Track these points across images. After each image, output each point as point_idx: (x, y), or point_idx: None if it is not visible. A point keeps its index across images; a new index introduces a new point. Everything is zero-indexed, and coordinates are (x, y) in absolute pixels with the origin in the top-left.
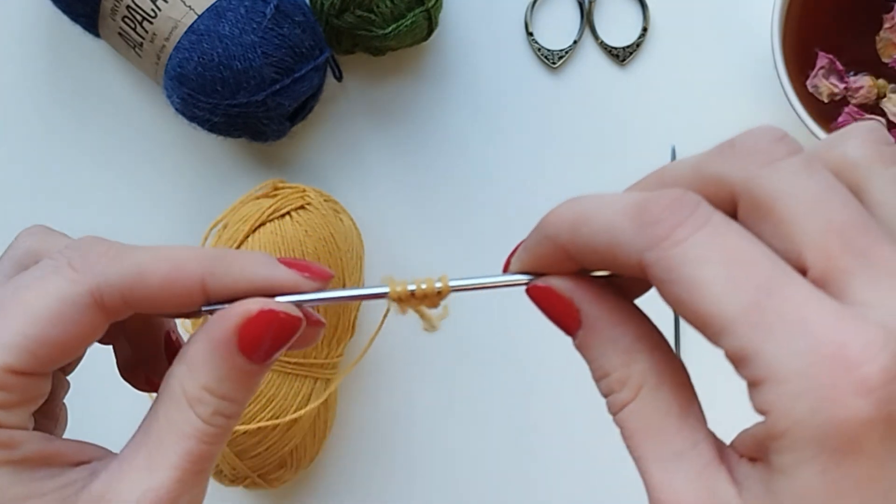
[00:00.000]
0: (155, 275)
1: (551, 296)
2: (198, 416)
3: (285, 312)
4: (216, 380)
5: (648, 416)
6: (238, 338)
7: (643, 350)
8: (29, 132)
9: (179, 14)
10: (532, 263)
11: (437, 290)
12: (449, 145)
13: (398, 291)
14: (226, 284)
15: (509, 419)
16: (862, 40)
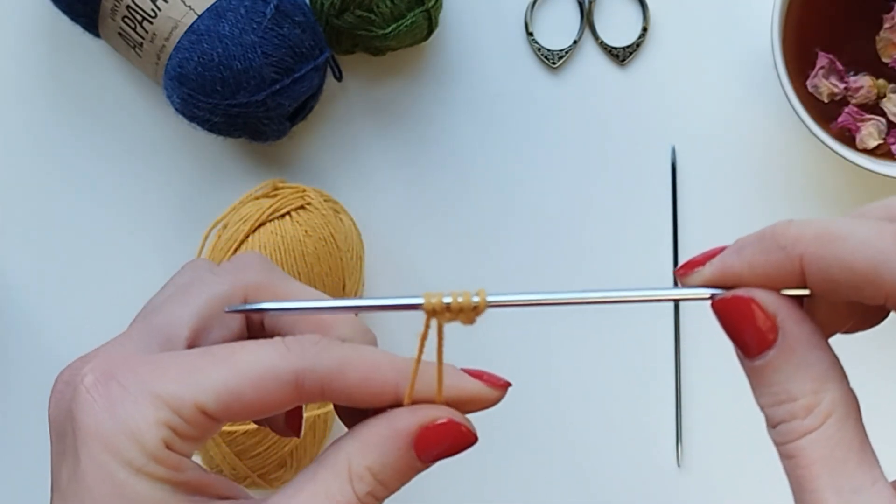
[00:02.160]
0: (354, 374)
1: (751, 309)
2: (354, 492)
3: (467, 427)
4: (381, 465)
5: (832, 447)
6: (417, 436)
7: (835, 378)
8: (29, 132)
9: (179, 14)
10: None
11: (473, 304)
12: (449, 145)
13: (433, 304)
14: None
15: (510, 419)
16: (862, 40)
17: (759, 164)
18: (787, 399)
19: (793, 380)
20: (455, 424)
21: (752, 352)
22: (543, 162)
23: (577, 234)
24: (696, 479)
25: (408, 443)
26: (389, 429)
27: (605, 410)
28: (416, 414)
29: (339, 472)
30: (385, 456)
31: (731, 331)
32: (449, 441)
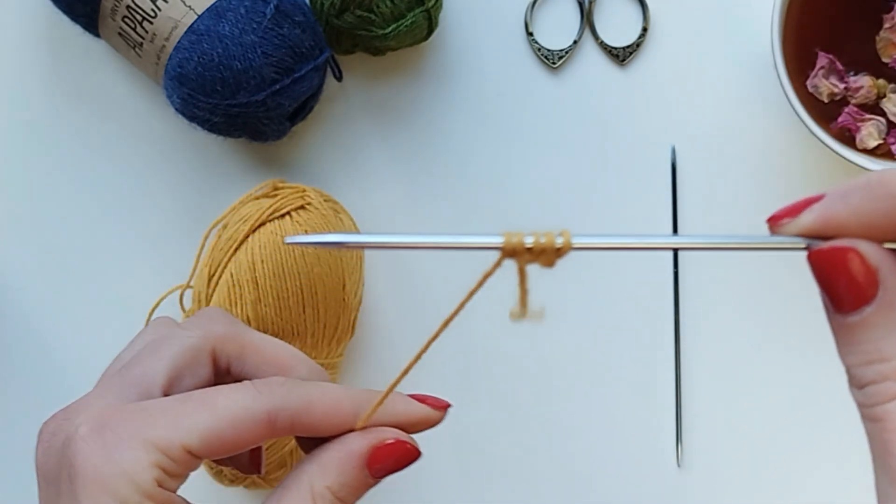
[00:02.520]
0: (319, 409)
1: (852, 261)
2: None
3: (412, 444)
4: (339, 484)
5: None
6: (369, 456)
7: None
8: (29, 132)
9: (179, 14)
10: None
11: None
12: (449, 145)
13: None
14: (374, 419)
15: (510, 418)
16: (862, 40)
17: (759, 163)
18: (879, 359)
19: (888, 339)
20: (401, 443)
21: (847, 307)
22: (543, 161)
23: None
24: (696, 479)
25: (361, 462)
26: (344, 452)
27: (606, 410)
28: (366, 437)
29: (302, 494)
30: (342, 476)
31: (826, 284)
32: (396, 457)
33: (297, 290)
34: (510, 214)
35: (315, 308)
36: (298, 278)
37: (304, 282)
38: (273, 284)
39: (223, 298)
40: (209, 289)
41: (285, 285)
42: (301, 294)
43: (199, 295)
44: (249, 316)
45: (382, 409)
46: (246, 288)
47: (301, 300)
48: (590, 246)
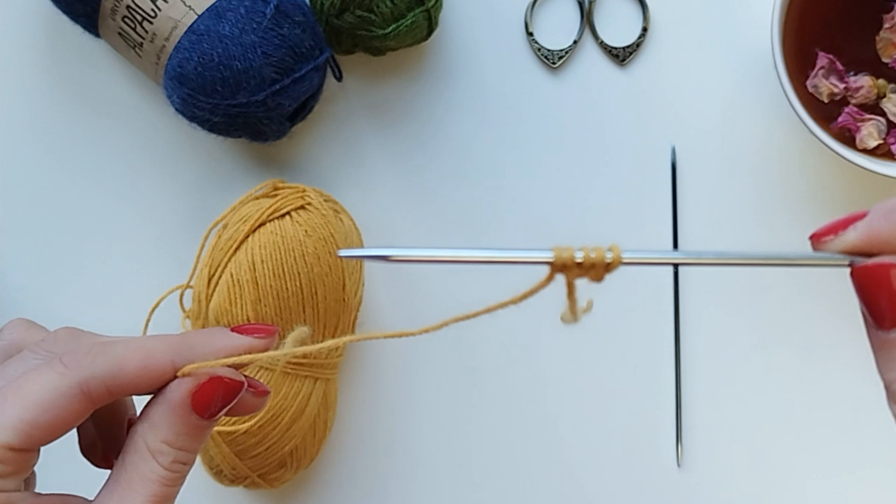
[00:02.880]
0: (130, 366)
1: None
2: (159, 465)
3: (229, 378)
4: (173, 434)
5: None
6: (192, 399)
7: None
8: (29, 132)
9: (179, 14)
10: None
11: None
12: (449, 145)
13: (564, 258)
14: (192, 361)
15: (510, 419)
16: (862, 40)
17: (759, 163)
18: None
19: None
20: (217, 379)
21: (889, 323)
22: (543, 161)
23: (578, 234)
24: (696, 479)
25: (186, 409)
26: (167, 403)
27: (606, 410)
28: (183, 384)
29: (141, 454)
30: (173, 426)
31: (868, 300)
32: (219, 394)
33: (297, 290)
34: (510, 214)
35: (315, 308)
36: (298, 278)
37: (304, 282)
38: (273, 284)
39: (223, 298)
40: (209, 289)
41: (285, 285)
42: (301, 294)
43: (199, 295)
44: (249, 316)
45: (202, 349)
46: (246, 288)
47: (301, 300)
48: (639, 261)
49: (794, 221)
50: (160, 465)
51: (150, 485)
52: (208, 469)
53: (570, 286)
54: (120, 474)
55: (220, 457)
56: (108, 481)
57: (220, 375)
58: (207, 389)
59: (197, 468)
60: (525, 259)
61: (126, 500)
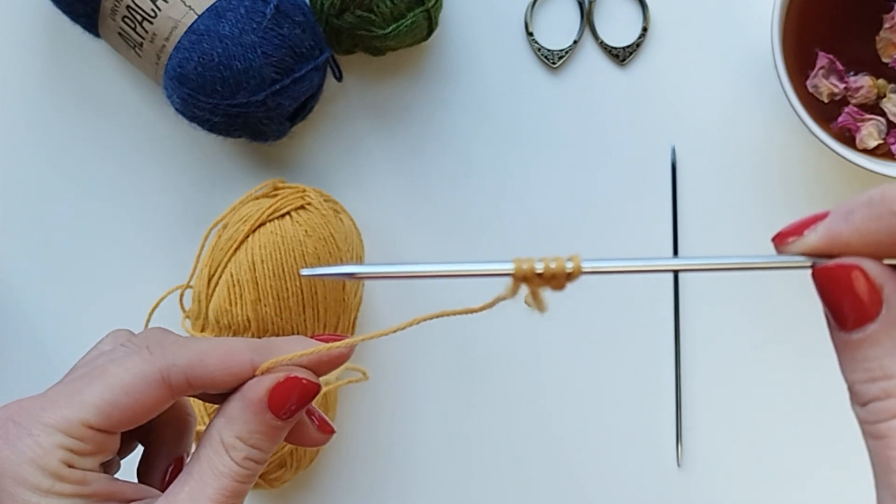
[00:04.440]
0: (212, 359)
1: (856, 279)
2: (232, 460)
3: (307, 379)
4: (248, 431)
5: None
6: (268, 398)
7: None
8: (29, 132)
9: (179, 14)
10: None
11: (566, 271)
12: (449, 145)
13: (524, 270)
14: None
15: (510, 420)
16: (862, 40)
17: (759, 163)
18: (883, 376)
19: (892, 356)
20: (294, 379)
21: (851, 324)
22: (543, 162)
23: (578, 234)
24: (696, 479)
25: (262, 407)
26: (244, 400)
27: (606, 410)
28: (261, 382)
29: (215, 448)
30: (248, 423)
31: (830, 301)
32: (295, 394)
33: (297, 290)
34: (510, 213)
35: (315, 308)
36: (298, 278)
37: (304, 282)
38: (273, 284)
39: (223, 298)
40: (209, 289)
41: (285, 285)
42: (301, 294)
43: (199, 295)
44: (249, 316)
45: (282, 352)
46: (246, 288)
47: (301, 300)
48: (599, 270)
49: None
50: (232, 460)
51: (221, 478)
52: None
53: (534, 294)
54: (193, 467)
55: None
56: (182, 474)
57: (297, 376)
58: (285, 390)
59: None
60: (487, 271)
61: (197, 491)
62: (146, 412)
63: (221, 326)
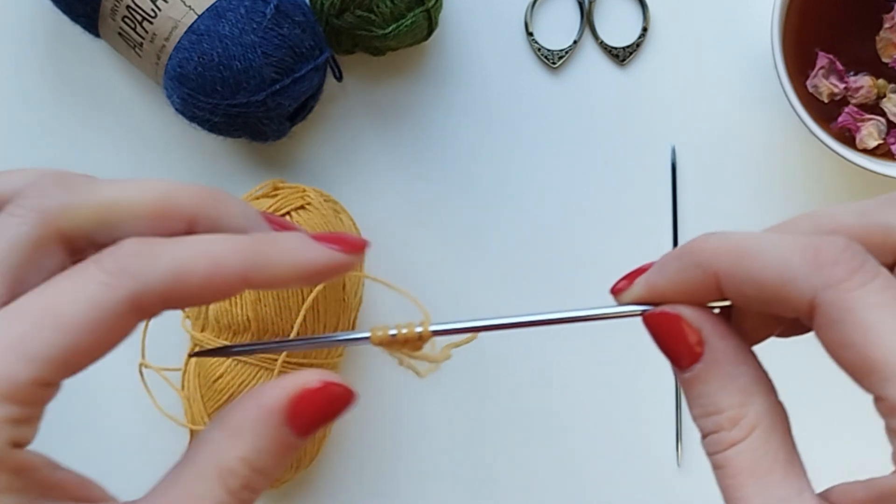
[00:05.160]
0: (195, 276)
1: (677, 325)
2: (225, 490)
3: (343, 387)
4: (256, 451)
5: (759, 458)
6: (290, 410)
7: (760, 392)
8: (28, 132)
9: (179, 14)
10: (669, 289)
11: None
12: (449, 145)
13: (379, 336)
14: (268, 276)
15: (510, 419)
16: (862, 40)
17: (759, 163)
18: (715, 411)
19: (719, 392)
20: (329, 386)
21: (682, 364)
22: (543, 162)
23: (577, 234)
24: (696, 479)
25: (281, 419)
26: (258, 409)
27: (605, 411)
28: (283, 386)
29: (204, 473)
30: (258, 440)
31: (661, 344)
32: (325, 407)
33: (297, 289)
34: (510, 213)
35: (315, 308)
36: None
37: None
38: None
39: None
40: None
41: None
42: (301, 294)
43: None
44: (249, 316)
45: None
46: None
47: (301, 300)
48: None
49: None
50: (225, 491)
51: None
52: None
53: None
54: (170, 490)
55: None
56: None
57: (332, 383)
58: (313, 400)
59: None
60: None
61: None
62: (113, 345)
63: (221, 326)
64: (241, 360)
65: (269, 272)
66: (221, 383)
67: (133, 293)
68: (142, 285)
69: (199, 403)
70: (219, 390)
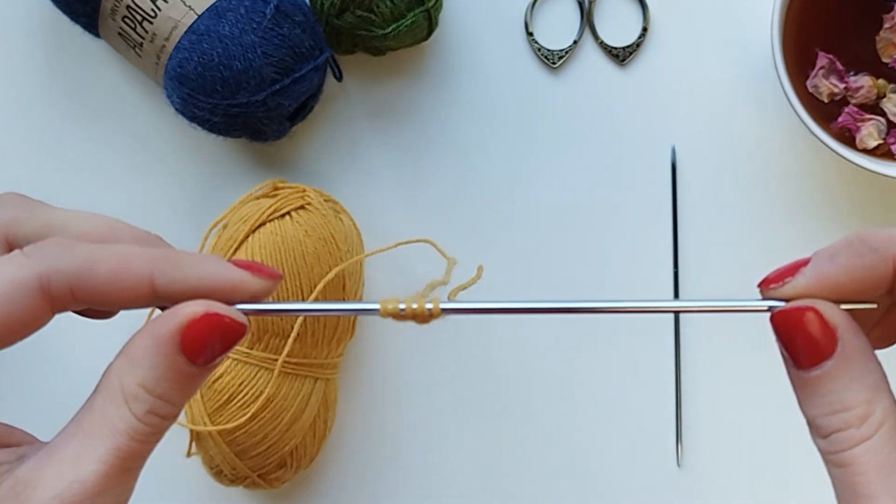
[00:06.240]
0: (103, 268)
1: (814, 320)
2: (132, 414)
3: (230, 317)
4: (154, 378)
5: (886, 454)
6: (181, 338)
7: (886, 389)
8: (28, 132)
9: (179, 14)
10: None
11: (427, 311)
12: (449, 145)
13: (388, 310)
14: (174, 281)
15: (510, 419)
16: (862, 40)
17: (759, 163)
18: (842, 409)
19: (849, 389)
20: (215, 316)
21: (809, 362)
22: (543, 162)
23: (577, 234)
24: (696, 479)
25: (174, 348)
26: (151, 338)
27: (606, 410)
28: (175, 315)
29: (113, 397)
30: (155, 368)
31: (788, 342)
32: (215, 335)
33: (297, 290)
34: (509, 213)
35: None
36: (298, 278)
37: (303, 282)
38: None
39: None
40: None
41: (285, 285)
42: (301, 294)
43: None
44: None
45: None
46: None
47: (301, 300)
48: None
49: (793, 221)
50: (132, 414)
51: (116, 436)
52: (208, 469)
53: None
54: (85, 417)
55: (220, 457)
56: (72, 422)
57: (218, 312)
58: (201, 327)
59: (197, 468)
60: (360, 308)
61: (85, 450)
62: (23, 326)
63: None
64: (241, 361)
65: (174, 278)
66: (221, 383)
67: (43, 275)
68: (52, 269)
69: (199, 403)
70: (218, 390)
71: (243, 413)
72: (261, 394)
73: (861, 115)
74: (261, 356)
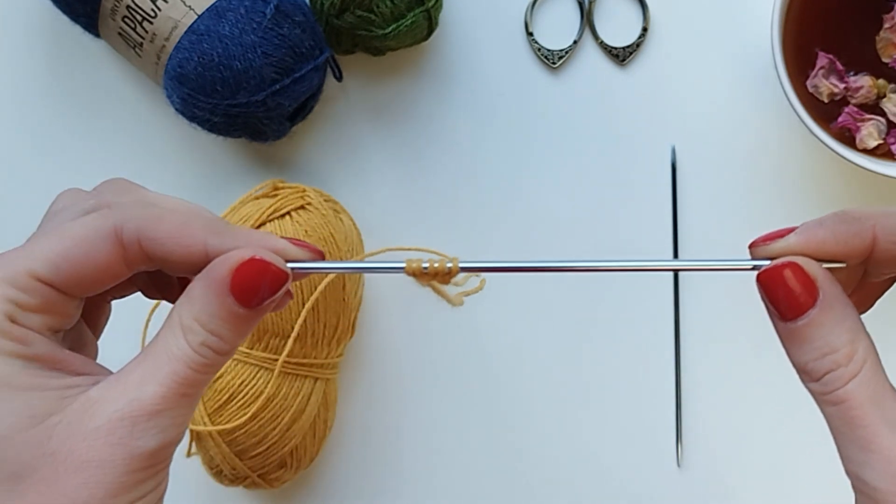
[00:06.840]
0: (165, 225)
1: (796, 274)
2: (188, 343)
3: (275, 265)
4: (207, 314)
5: (874, 387)
6: (230, 280)
7: (863, 329)
8: (28, 132)
9: (179, 14)
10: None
11: (447, 269)
12: (449, 145)
13: (413, 267)
14: (224, 244)
15: (510, 419)
16: (862, 40)
17: (759, 163)
18: (830, 351)
19: (833, 333)
20: (261, 262)
21: (794, 313)
22: (543, 162)
23: (577, 234)
24: (696, 479)
25: (224, 288)
26: (206, 279)
27: (606, 410)
28: (227, 259)
29: (173, 329)
30: (208, 305)
31: (774, 297)
32: (261, 279)
33: (297, 289)
34: (509, 213)
35: (315, 308)
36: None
37: (303, 282)
38: None
39: None
40: None
41: None
42: (301, 294)
43: None
44: None
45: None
46: None
47: (301, 300)
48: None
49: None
50: (188, 344)
51: (174, 362)
52: (208, 469)
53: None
54: (150, 348)
55: (220, 457)
56: (139, 354)
57: (264, 258)
58: (249, 271)
59: (197, 468)
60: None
61: (149, 374)
62: (99, 271)
63: None
64: (241, 361)
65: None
66: (221, 383)
67: (117, 220)
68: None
69: (199, 403)
70: (219, 390)
71: (243, 413)
72: (261, 394)
73: (861, 115)
74: (261, 356)
